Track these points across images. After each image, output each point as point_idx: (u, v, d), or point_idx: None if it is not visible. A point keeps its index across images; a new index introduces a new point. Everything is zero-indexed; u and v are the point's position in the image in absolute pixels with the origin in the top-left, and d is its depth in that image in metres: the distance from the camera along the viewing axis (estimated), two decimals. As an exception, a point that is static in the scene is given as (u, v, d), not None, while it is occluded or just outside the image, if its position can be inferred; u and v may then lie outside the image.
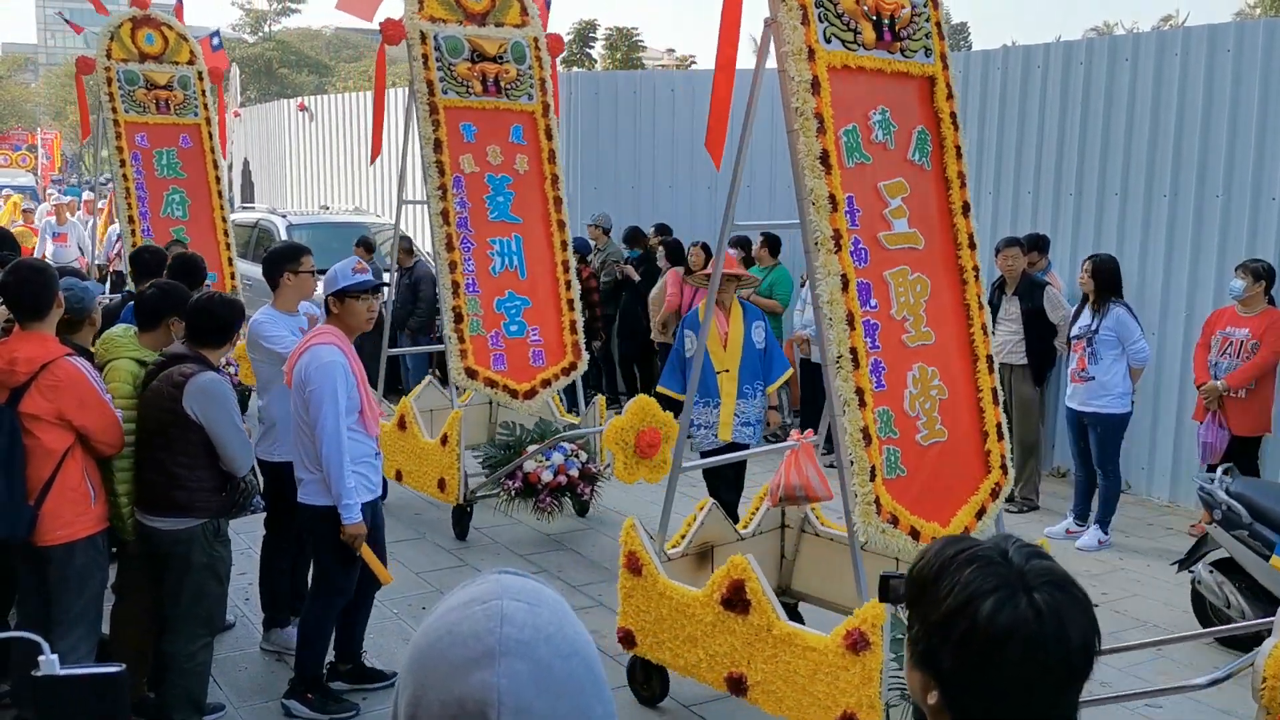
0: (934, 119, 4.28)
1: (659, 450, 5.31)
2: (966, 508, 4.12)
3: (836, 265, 3.78)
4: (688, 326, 6.16)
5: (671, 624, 4.36)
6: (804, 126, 3.76)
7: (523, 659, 0.97)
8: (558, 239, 7.17)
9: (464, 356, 6.63)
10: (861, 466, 3.74)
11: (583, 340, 7.19)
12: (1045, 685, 1.26)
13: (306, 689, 4.49)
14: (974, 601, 1.26)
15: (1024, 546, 1.33)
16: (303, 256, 5.06)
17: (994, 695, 1.27)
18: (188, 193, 9.19)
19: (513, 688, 0.95)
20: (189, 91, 9.26)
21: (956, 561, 1.31)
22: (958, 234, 4.31)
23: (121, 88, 8.95)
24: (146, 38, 9.06)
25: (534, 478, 6.44)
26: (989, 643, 1.25)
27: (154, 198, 9.05)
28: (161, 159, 9.08)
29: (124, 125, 8.95)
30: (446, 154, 6.70)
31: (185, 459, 4.03)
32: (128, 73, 8.97)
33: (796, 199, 3.84)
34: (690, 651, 4.29)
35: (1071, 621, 1.26)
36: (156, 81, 9.08)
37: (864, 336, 3.88)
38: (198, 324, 4.16)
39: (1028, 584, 1.27)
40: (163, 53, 9.14)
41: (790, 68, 3.79)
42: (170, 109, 9.15)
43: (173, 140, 9.17)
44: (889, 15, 4.06)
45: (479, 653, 0.97)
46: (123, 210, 8.95)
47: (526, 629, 0.98)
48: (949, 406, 4.18)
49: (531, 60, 7.16)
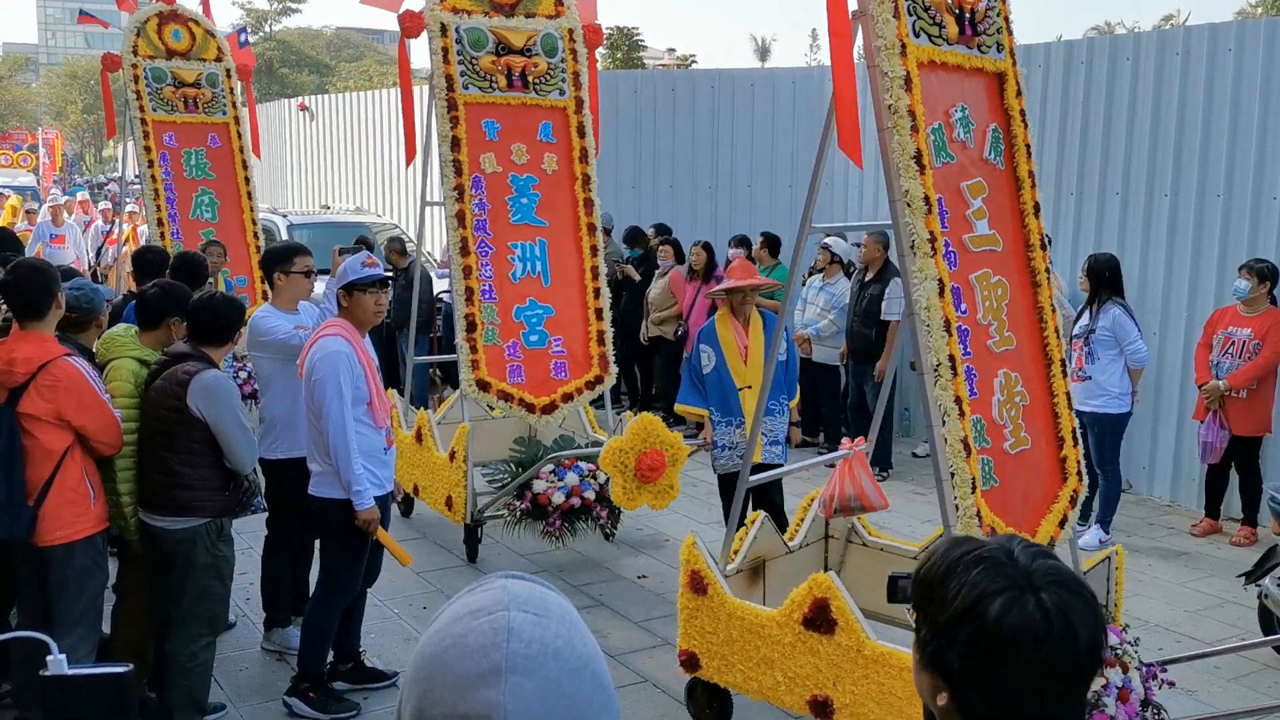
0: (1004, 116, 4.15)
1: (663, 474, 5.03)
2: (1050, 517, 3.99)
3: (933, 269, 3.60)
4: (704, 341, 5.74)
5: (743, 645, 4.18)
6: (898, 125, 3.56)
7: (529, 676, 0.95)
8: (587, 243, 6.68)
9: (476, 368, 6.20)
10: (963, 479, 3.58)
11: (612, 351, 6.65)
12: (1054, 685, 1.27)
13: (309, 687, 4.50)
14: (982, 602, 1.27)
15: (1029, 546, 1.33)
16: (295, 257, 5.04)
17: (1003, 696, 1.27)
18: (216, 194, 8.92)
19: (519, 707, 0.94)
20: (217, 89, 8.99)
21: (964, 562, 1.31)
22: (1029, 235, 4.19)
23: (149, 85, 8.66)
24: (173, 33, 8.79)
25: (544, 499, 6.06)
26: (997, 643, 1.25)
27: (183, 199, 8.80)
28: (190, 159, 8.83)
29: (151, 124, 8.67)
30: (465, 152, 6.31)
31: (189, 458, 4.03)
32: (155, 70, 8.69)
33: (889, 201, 3.66)
34: (765, 674, 4.11)
35: (1079, 621, 1.27)
36: (184, 79, 8.81)
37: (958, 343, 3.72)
38: (200, 323, 4.17)
39: (1035, 584, 1.27)
40: (190, 49, 8.87)
41: (883, 63, 3.57)
42: (199, 107, 8.87)
43: (201, 140, 8.90)
44: (969, 9, 3.93)
45: (485, 669, 0.95)
46: (151, 212, 8.71)
47: (534, 644, 0.97)
48: (1029, 413, 4.06)
49: (565, 53, 6.67)
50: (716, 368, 5.63)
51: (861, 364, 8.51)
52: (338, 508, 4.32)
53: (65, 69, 68.73)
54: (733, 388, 5.63)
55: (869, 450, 4.91)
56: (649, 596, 5.93)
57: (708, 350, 5.67)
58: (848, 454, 4.71)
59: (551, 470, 6.12)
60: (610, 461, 4.96)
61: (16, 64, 70.55)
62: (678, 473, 5.24)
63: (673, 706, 4.68)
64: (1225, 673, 5.04)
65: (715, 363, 5.63)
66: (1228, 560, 6.60)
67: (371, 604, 5.25)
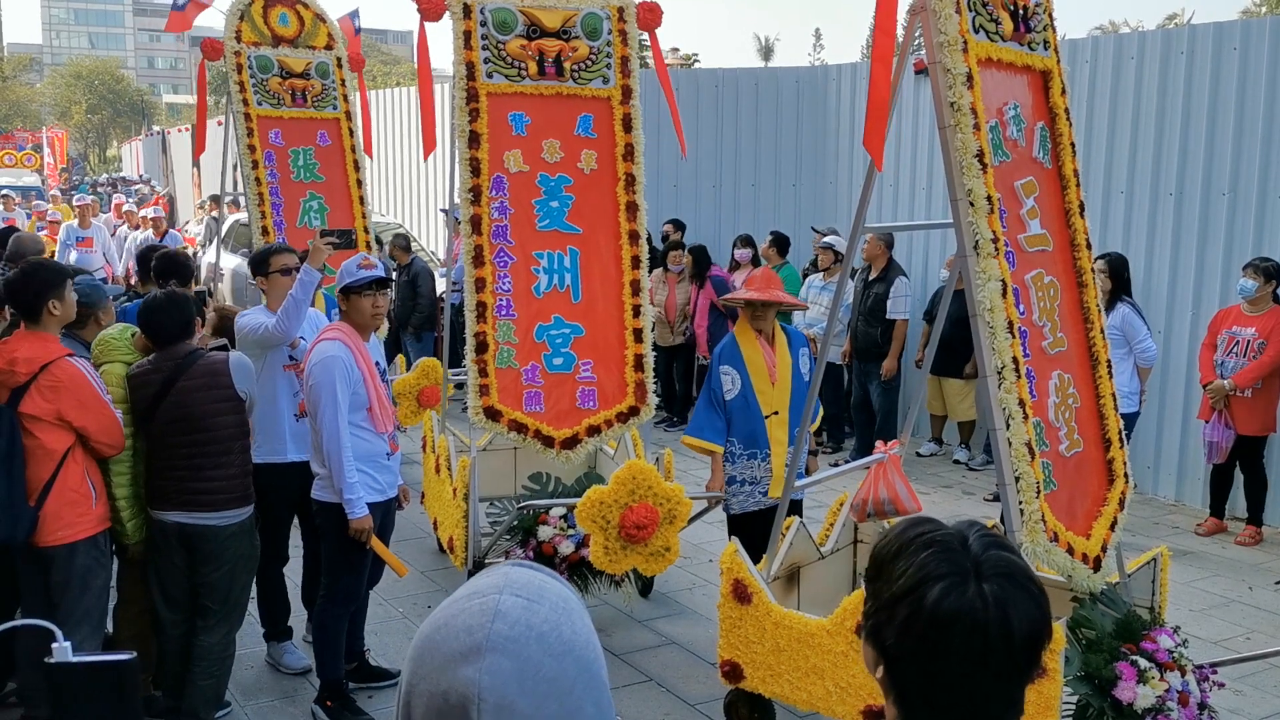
0: (1049, 114, 4.11)
1: (653, 533, 4.42)
2: (1101, 519, 3.94)
3: (997, 270, 3.53)
4: (726, 361, 5.06)
5: (791, 655, 4.08)
6: (960, 123, 3.50)
7: (509, 656, 0.98)
8: (628, 253, 5.71)
9: (485, 393, 5.32)
10: (1028, 483, 3.50)
11: (651, 379, 5.63)
12: (985, 674, 1.27)
13: (327, 695, 4.48)
14: (923, 585, 1.27)
15: (986, 535, 1.33)
16: (270, 258, 5.00)
17: (933, 678, 1.28)
18: (326, 199, 7.91)
19: (494, 684, 0.96)
20: (328, 81, 7.91)
21: (915, 544, 1.32)
22: (1075, 234, 4.13)
23: (253, 76, 7.61)
24: (280, 17, 7.75)
25: (549, 549, 5.25)
26: (932, 627, 1.26)
27: (289, 204, 7.75)
28: (298, 159, 7.79)
29: (256, 120, 7.62)
30: (485, 149, 5.50)
31: (235, 444, 4.12)
32: (260, 59, 7.64)
33: (950, 200, 3.59)
34: (815, 684, 4.01)
35: (1018, 614, 1.26)
36: (292, 69, 7.75)
37: (1019, 345, 3.67)
38: (162, 325, 4.12)
39: (981, 572, 1.28)
40: (298, 35, 7.82)
41: (945, 59, 3.49)
42: (307, 101, 7.82)
43: (310, 137, 7.86)
44: (1022, 5, 3.89)
45: (468, 647, 0.98)
46: (254, 219, 7.68)
47: (519, 626, 0.99)
48: (1080, 414, 4.00)
49: (612, 34, 5.80)
50: (742, 392, 5.00)
51: (866, 363, 8.51)
52: (339, 512, 4.29)
53: (69, 69, 68.94)
54: (759, 414, 4.99)
55: (901, 453, 4.75)
56: (653, 595, 5.93)
57: (730, 372, 5.02)
58: (882, 457, 4.61)
59: (562, 515, 5.32)
60: (588, 515, 4.36)
61: (21, 64, 70.64)
62: (677, 533, 4.59)
63: (677, 705, 4.68)
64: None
65: (740, 386, 5.00)
66: (1233, 560, 6.60)
67: (375, 603, 5.25)
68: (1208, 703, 3.72)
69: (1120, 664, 3.57)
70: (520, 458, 6.40)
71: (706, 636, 5.17)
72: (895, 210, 9.77)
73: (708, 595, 5.78)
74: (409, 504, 4.97)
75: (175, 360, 4.09)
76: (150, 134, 40.31)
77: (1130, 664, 3.57)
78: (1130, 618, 3.81)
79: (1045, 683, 3.38)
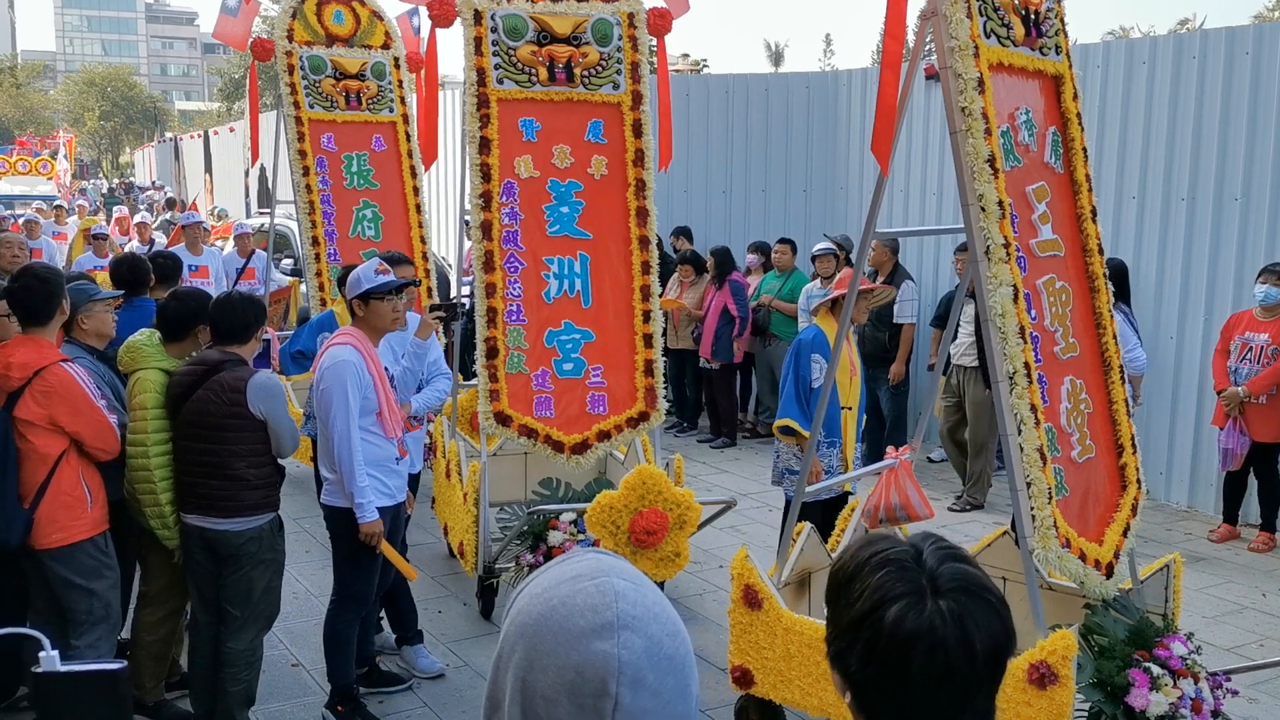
0: (1061, 119, 4.09)
1: (663, 539, 4.40)
2: (1114, 526, 3.92)
3: (1008, 275, 3.52)
4: (817, 349, 5.24)
5: (802, 661, 4.04)
6: (972, 128, 3.49)
7: (638, 634, 1.03)
8: (638, 259, 5.73)
9: (495, 399, 5.39)
10: (1040, 488, 3.49)
11: (661, 385, 5.70)
12: (950, 691, 1.25)
13: (338, 700, 4.48)
14: (881, 606, 1.27)
15: (941, 548, 1.32)
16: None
17: (900, 700, 1.27)
18: (381, 207, 7.52)
19: (632, 659, 1.01)
20: (384, 82, 7.56)
21: (870, 564, 1.31)
22: (1087, 240, 4.12)
23: (305, 77, 7.31)
24: (335, 15, 7.46)
25: (559, 554, 5.06)
26: (893, 649, 1.25)
27: (342, 213, 7.43)
28: (351, 165, 7.50)
29: (308, 124, 7.36)
30: (495, 155, 5.54)
31: (254, 459, 4.09)
32: (313, 59, 7.34)
33: (961, 205, 3.59)
34: (826, 691, 3.97)
35: (978, 628, 1.25)
36: (347, 70, 7.43)
37: (1031, 350, 3.66)
38: (220, 323, 4.18)
39: (938, 588, 1.26)
40: (354, 34, 7.51)
41: (956, 64, 3.49)
42: (361, 103, 7.51)
43: (364, 143, 7.54)
44: (1034, 10, 3.88)
45: (598, 624, 1.02)
46: (305, 229, 7.37)
47: (639, 606, 1.05)
48: (1091, 420, 3.99)
49: (623, 40, 5.81)
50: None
51: (873, 367, 8.48)
52: (349, 517, 4.29)
53: (82, 76, 69.25)
54: (837, 406, 5.14)
55: (913, 458, 4.75)
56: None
57: (820, 361, 5.13)
58: (893, 463, 4.59)
59: (573, 521, 5.26)
60: (598, 521, 4.36)
61: (34, 71, 71.12)
62: (686, 538, 4.60)
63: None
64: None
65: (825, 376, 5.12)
66: (1246, 566, 6.56)
67: (386, 608, 5.25)
68: (1221, 710, 3.70)
69: (1133, 671, 3.55)
70: (530, 463, 6.42)
71: (717, 642, 5.16)
72: (906, 215, 9.75)
73: (718, 601, 5.77)
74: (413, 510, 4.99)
75: (206, 366, 4.11)
76: (163, 140, 40.54)
77: (1143, 671, 3.55)
78: (1143, 624, 3.79)
79: (1057, 689, 3.36)
